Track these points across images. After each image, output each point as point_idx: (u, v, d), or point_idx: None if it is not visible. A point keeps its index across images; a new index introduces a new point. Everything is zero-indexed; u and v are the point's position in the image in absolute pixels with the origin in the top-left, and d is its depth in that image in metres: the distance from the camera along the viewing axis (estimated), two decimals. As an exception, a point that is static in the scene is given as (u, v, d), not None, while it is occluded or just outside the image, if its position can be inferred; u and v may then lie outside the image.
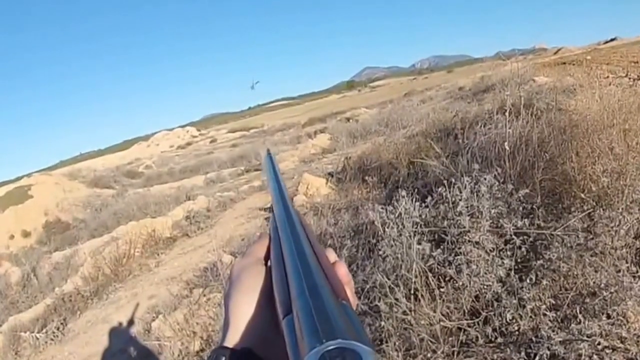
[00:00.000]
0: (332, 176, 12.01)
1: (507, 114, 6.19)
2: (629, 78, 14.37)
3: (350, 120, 33.45)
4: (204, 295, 7.63)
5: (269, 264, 0.93)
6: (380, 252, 4.71)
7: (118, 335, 8.03)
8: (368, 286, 4.57)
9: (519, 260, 4.23)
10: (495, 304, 4.01)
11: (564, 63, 31.19)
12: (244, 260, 0.95)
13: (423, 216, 4.95)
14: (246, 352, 0.80)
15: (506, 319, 3.81)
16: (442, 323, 3.98)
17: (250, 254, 0.97)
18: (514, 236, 4.27)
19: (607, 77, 14.93)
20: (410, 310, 4.07)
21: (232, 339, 0.82)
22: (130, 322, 8.24)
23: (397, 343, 3.93)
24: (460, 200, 4.66)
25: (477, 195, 4.65)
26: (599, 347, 3.34)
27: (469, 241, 4.32)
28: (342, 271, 0.84)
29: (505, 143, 5.74)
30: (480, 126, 7.59)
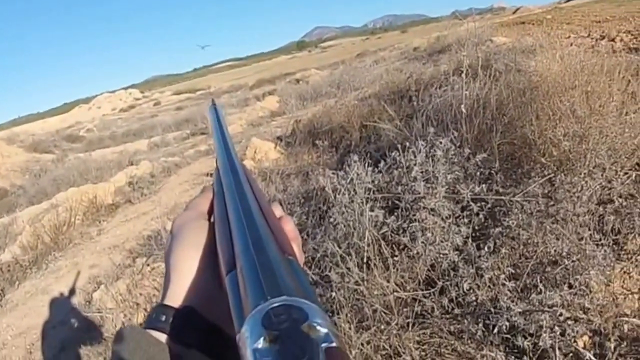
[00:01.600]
0: (281, 140, 12.01)
1: (463, 75, 6.16)
2: (591, 38, 14.53)
3: (300, 82, 33.69)
4: (148, 265, 7.59)
5: (212, 219, 0.90)
6: (331, 220, 4.68)
7: (58, 307, 7.91)
8: (318, 255, 4.54)
9: (476, 227, 4.23)
10: (452, 273, 3.99)
11: (523, 23, 31.57)
12: (185, 214, 0.91)
13: (376, 182, 4.91)
14: (189, 311, 0.76)
15: (463, 289, 3.79)
16: (396, 293, 3.95)
17: (192, 208, 0.92)
18: (471, 202, 4.26)
19: (569, 37, 15.12)
20: (363, 280, 4.03)
21: (174, 297, 0.77)
22: (71, 293, 8.13)
23: (349, 315, 3.89)
24: (414, 165, 4.61)
25: (432, 159, 4.60)
26: (561, 318, 3.32)
27: (424, 208, 4.27)
28: (289, 226, 0.82)
29: (462, 105, 5.72)
30: (436, 88, 7.57)
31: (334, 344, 0.44)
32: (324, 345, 0.44)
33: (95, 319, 6.76)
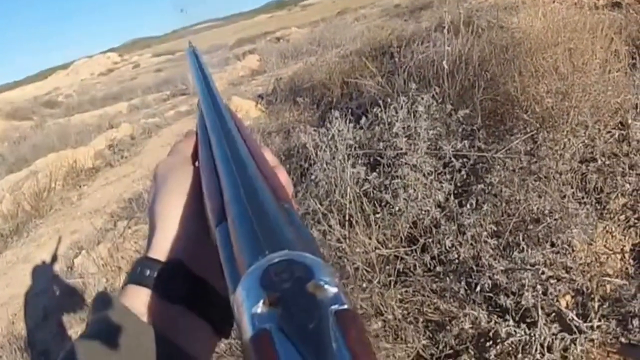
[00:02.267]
0: (262, 99, 11.96)
1: (445, 31, 6.14)
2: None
3: (281, 41, 33.46)
4: (129, 228, 7.57)
5: (197, 164, 0.85)
6: (313, 177, 4.66)
7: (40, 275, 7.87)
8: (300, 213, 4.51)
9: (458, 184, 4.25)
10: (434, 230, 4.00)
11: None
12: (169, 159, 0.86)
13: (357, 138, 4.89)
14: (175, 265, 0.72)
15: (445, 246, 3.79)
16: (377, 251, 3.95)
17: (175, 153, 0.88)
18: (453, 159, 4.26)
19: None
20: (345, 238, 4.03)
21: (159, 249, 0.74)
22: (53, 260, 8.07)
23: (331, 273, 3.90)
24: (396, 121, 4.60)
25: (414, 115, 4.59)
26: (543, 276, 3.34)
27: (405, 164, 4.26)
28: (284, 177, 0.75)
29: (444, 62, 5.70)
30: (418, 44, 7.56)
31: (345, 306, 0.38)
32: (333, 307, 0.38)
33: (77, 285, 6.72)
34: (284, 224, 0.49)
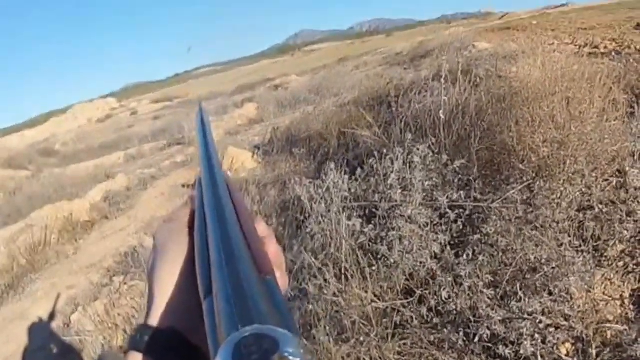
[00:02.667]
0: (259, 149, 11.99)
1: (443, 80, 6.17)
2: (575, 45, 14.58)
3: (279, 88, 33.65)
4: (125, 284, 7.58)
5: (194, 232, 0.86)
6: (308, 230, 4.68)
7: (37, 332, 7.80)
8: (296, 267, 4.53)
9: (455, 235, 4.25)
10: (431, 282, 4.01)
11: (509, 28, 31.55)
12: (167, 226, 0.90)
13: (353, 190, 4.93)
14: (171, 333, 0.76)
15: (442, 297, 3.80)
16: (374, 304, 3.97)
17: (174, 220, 0.92)
18: (448, 210, 4.28)
19: (553, 43, 15.15)
20: (341, 292, 4.05)
21: (156, 317, 0.77)
22: (49, 316, 8.03)
23: (327, 327, 3.90)
24: (391, 172, 4.63)
25: (409, 166, 4.62)
26: (541, 325, 3.34)
27: (401, 216, 4.29)
28: (272, 248, 0.82)
29: (440, 111, 5.73)
30: (415, 94, 7.58)
31: None
32: None
33: (74, 342, 6.72)
34: (260, 298, 0.54)
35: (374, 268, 4.21)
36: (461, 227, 4.26)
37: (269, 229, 0.87)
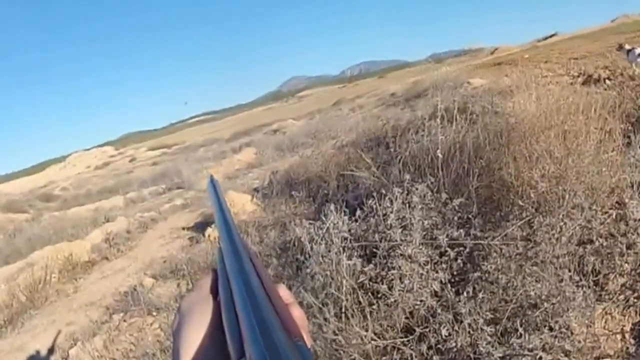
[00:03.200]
0: (258, 192, 12.08)
1: (438, 119, 6.21)
2: (569, 76, 14.66)
3: (277, 133, 33.71)
4: (124, 321, 7.64)
5: (217, 298, 0.90)
6: (308, 270, 4.70)
7: (34, 364, 7.88)
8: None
9: (455, 272, 4.26)
10: (431, 319, 4.02)
11: (500, 64, 31.63)
12: (192, 295, 0.95)
13: (353, 230, 4.94)
14: None
15: (442, 335, 3.81)
16: (374, 342, 3.97)
17: (198, 289, 0.96)
18: (448, 248, 4.29)
19: (546, 76, 15.23)
20: (341, 330, 4.06)
21: None
22: (48, 350, 8.14)
23: (326, 366, 3.90)
24: (390, 212, 4.66)
25: (408, 206, 4.65)
26: (541, 361, 3.35)
27: (401, 255, 4.31)
28: (297, 313, 0.84)
29: (438, 150, 5.75)
30: (412, 133, 7.60)
31: None
32: None
33: (71, 377, 6.76)
34: None
35: (374, 307, 4.23)
36: (461, 264, 4.27)
37: (291, 294, 0.91)
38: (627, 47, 16.10)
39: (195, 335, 0.83)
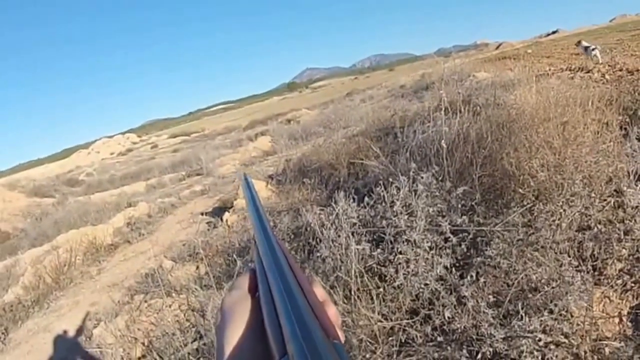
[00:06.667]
0: (273, 179, 12.07)
1: (444, 111, 6.18)
2: (570, 70, 14.62)
3: (291, 122, 33.74)
4: (145, 302, 7.67)
5: (256, 295, 0.91)
6: (319, 254, 4.72)
7: (60, 344, 7.99)
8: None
9: (458, 257, 4.26)
10: (435, 302, 4.01)
11: (505, 58, 31.60)
12: (232, 294, 0.96)
13: (361, 217, 4.96)
14: None
15: (446, 317, 3.80)
16: (380, 323, 3.97)
17: (237, 288, 0.97)
18: (451, 235, 4.29)
19: (548, 70, 15.18)
20: (349, 312, 4.06)
21: None
22: (72, 330, 8.20)
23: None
24: (397, 199, 4.65)
25: (414, 194, 4.64)
26: (541, 343, 3.32)
27: (406, 240, 4.31)
28: (332, 311, 0.86)
29: (443, 141, 5.73)
30: (419, 124, 7.59)
31: None
32: None
33: (95, 354, 6.81)
34: None
35: (381, 289, 4.23)
36: (465, 250, 4.27)
37: (325, 292, 0.92)
38: (585, 43, 17.43)
39: (236, 332, 0.84)
